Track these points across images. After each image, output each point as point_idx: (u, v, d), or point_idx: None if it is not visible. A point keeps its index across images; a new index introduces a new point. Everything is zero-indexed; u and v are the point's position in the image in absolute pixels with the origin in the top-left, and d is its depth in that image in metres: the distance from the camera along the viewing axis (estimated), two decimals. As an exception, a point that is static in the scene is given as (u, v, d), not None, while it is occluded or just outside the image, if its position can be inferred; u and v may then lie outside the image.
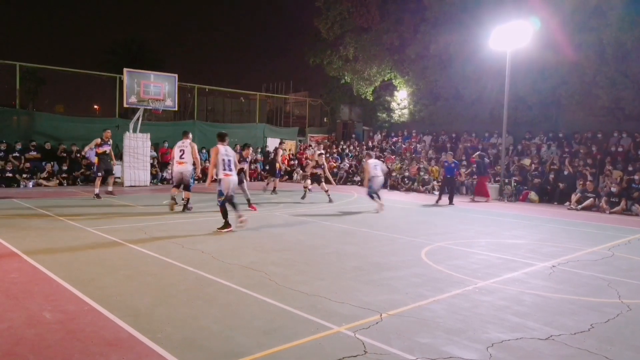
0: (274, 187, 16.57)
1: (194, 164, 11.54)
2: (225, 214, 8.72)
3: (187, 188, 11.24)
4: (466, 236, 9.16)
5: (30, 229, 8.53)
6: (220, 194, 8.64)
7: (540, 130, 19.47)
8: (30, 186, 16.18)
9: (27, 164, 16.63)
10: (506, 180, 16.93)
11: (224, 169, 8.64)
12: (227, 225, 8.71)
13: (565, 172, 16.47)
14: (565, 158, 17.01)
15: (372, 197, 12.47)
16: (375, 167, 12.51)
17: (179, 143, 11.39)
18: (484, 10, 19.46)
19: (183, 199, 11.30)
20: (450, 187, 15.17)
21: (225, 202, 8.69)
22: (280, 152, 17.76)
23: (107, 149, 13.78)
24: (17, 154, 16.84)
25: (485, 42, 17.86)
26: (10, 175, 16.08)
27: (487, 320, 4.54)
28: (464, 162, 18.59)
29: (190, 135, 11.73)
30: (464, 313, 4.72)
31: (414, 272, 6.23)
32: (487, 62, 19.30)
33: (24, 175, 16.40)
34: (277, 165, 17.24)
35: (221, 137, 9.01)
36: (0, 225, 8.73)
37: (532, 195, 16.40)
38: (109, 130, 14.29)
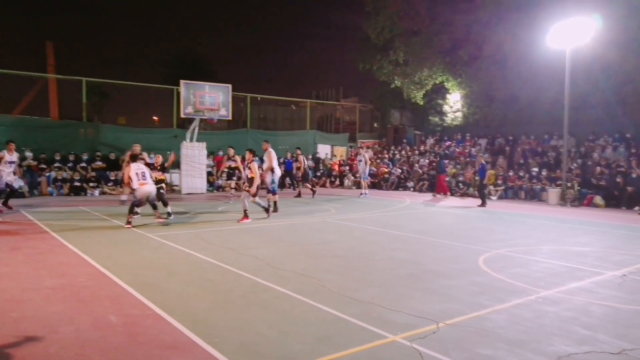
0: (299, 193, 17.34)
1: (272, 170, 12.71)
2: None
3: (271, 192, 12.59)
4: (527, 243, 8.78)
5: (97, 235, 8.99)
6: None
7: (604, 131, 18.43)
8: (97, 194, 17.12)
9: (93, 174, 17.61)
10: (568, 184, 16.11)
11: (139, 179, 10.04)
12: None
13: (634, 175, 15.47)
14: (633, 160, 15.98)
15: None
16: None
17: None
18: (539, 8, 18.74)
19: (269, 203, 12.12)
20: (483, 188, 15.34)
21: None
22: (301, 157, 17.73)
23: None
24: (84, 164, 17.88)
25: (542, 41, 17.16)
26: (78, 184, 17.10)
27: (552, 332, 4.31)
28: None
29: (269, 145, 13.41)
30: (526, 324, 4.51)
31: (471, 281, 6.03)
32: (544, 62, 18.55)
33: (91, 184, 17.39)
34: (301, 170, 17.62)
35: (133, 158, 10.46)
36: (70, 232, 9.26)
37: (598, 199, 15.50)
38: None
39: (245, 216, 10.83)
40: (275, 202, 12.54)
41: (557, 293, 5.55)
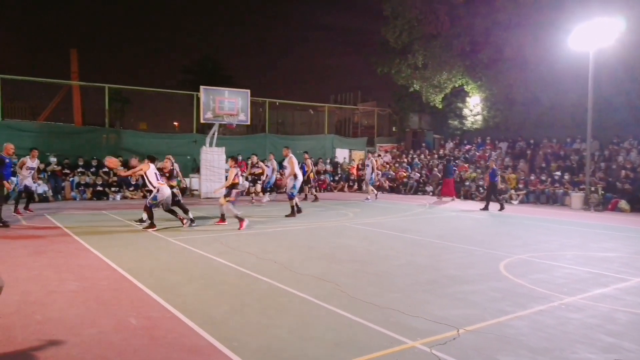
0: (316, 197, 17.45)
1: (295, 176, 12.92)
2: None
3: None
4: (549, 248, 8.62)
5: (118, 239, 9.13)
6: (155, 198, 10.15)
7: (629, 133, 18.01)
8: (118, 199, 17.41)
9: (115, 178, 17.91)
10: (592, 188, 15.78)
11: (158, 180, 10.26)
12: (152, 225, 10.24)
13: (661, 179, 15.08)
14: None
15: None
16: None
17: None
18: (561, 9, 18.44)
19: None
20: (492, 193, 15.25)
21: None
22: (309, 161, 17.71)
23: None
24: (106, 169, 18.18)
25: (564, 43, 16.88)
26: (100, 189, 17.42)
27: (576, 340, 4.21)
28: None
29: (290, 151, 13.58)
30: (549, 331, 4.41)
31: (492, 286, 5.94)
32: (566, 64, 18.25)
33: (113, 189, 17.70)
34: (308, 175, 17.42)
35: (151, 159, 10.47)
36: (92, 235, 9.43)
37: (623, 204, 15.14)
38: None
39: (241, 220, 10.40)
40: (292, 207, 12.69)
41: (581, 299, 5.43)
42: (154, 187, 10.18)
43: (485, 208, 14.99)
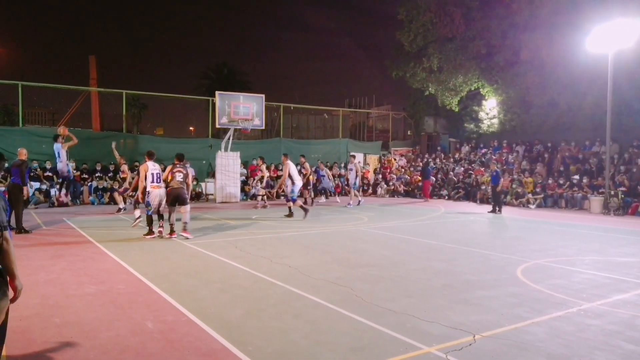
0: (309, 200, 17.20)
1: (293, 181, 13.14)
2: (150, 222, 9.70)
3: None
4: (567, 253, 8.48)
5: (135, 243, 9.24)
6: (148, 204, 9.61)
7: (650, 136, 17.67)
8: (135, 203, 17.57)
9: (132, 183, 18.11)
10: (612, 192, 15.50)
11: (152, 182, 9.64)
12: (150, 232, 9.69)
13: (684, 182, 14.75)
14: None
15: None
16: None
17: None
18: (578, 11, 18.19)
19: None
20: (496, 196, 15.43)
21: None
22: (307, 165, 16.99)
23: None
24: (124, 175, 18.39)
25: (582, 45, 16.65)
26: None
27: (595, 346, 4.13)
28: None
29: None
30: (567, 337, 4.34)
31: (509, 292, 5.86)
32: (584, 66, 17.99)
33: (130, 194, 17.86)
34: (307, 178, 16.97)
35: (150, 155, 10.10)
36: (109, 239, 9.55)
37: (644, 208, 14.84)
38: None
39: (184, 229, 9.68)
40: (289, 208, 13.50)
41: (600, 305, 5.33)
42: (147, 191, 9.57)
43: (493, 210, 15.17)
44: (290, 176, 13.10)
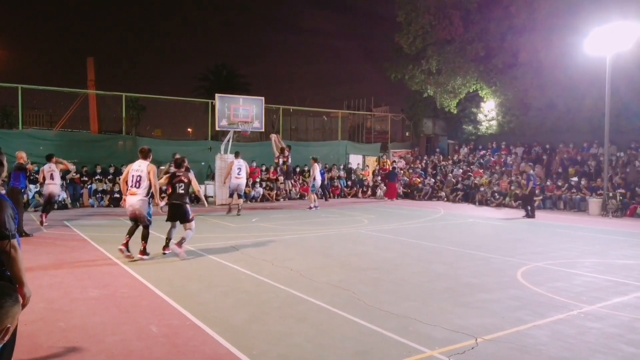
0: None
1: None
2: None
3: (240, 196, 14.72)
4: (568, 256, 8.53)
5: (137, 246, 9.23)
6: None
7: (648, 138, 17.76)
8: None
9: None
10: (610, 194, 15.56)
11: (131, 185, 8.03)
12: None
13: (681, 184, 14.82)
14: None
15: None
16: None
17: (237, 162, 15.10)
18: (577, 14, 18.29)
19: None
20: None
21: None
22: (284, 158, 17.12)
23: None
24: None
25: (580, 48, 16.74)
26: (117, 195, 17.60)
27: (596, 349, 4.18)
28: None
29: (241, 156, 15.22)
30: (569, 340, 4.38)
31: (510, 295, 5.91)
32: (583, 68, 18.08)
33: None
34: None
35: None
36: (111, 243, 9.56)
37: (642, 209, 14.92)
38: None
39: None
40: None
41: (601, 308, 5.37)
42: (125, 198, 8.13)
43: (527, 215, 14.59)
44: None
